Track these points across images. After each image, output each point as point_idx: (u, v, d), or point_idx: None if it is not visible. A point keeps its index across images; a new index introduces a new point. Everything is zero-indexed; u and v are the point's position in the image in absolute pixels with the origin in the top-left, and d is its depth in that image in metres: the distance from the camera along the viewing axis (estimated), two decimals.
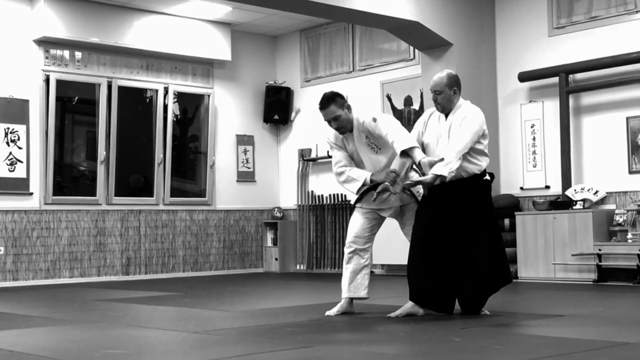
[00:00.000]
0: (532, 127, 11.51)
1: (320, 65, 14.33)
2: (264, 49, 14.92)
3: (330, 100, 6.84)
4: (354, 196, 7.03)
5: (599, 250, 10.14)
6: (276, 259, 14.33)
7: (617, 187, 10.69)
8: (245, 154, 14.55)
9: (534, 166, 11.46)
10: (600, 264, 10.13)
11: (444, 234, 6.61)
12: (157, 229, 13.38)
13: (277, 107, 14.62)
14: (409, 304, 6.73)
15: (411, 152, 6.47)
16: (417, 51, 12.54)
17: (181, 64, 13.76)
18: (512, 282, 6.92)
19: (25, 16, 12.18)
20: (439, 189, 6.47)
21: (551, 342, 5.27)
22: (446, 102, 6.73)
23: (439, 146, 6.68)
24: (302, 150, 14.48)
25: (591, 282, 10.15)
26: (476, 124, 6.58)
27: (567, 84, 11.04)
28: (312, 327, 6.25)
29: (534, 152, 11.46)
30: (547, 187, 11.35)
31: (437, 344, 5.29)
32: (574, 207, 10.61)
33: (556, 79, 11.11)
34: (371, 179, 6.80)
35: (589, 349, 4.97)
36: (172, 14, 13.25)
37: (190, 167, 14.35)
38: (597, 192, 10.65)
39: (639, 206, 10.16)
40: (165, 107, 13.54)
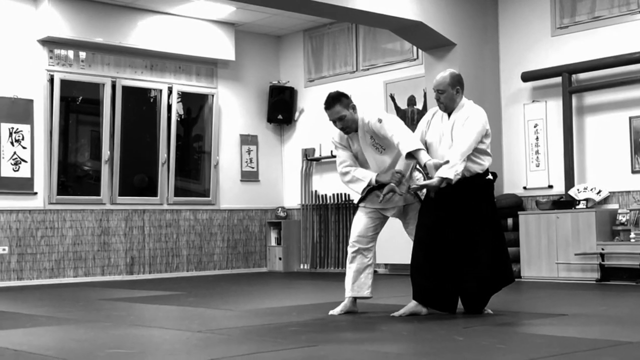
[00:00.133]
0: (535, 126, 11.52)
1: (323, 65, 14.35)
2: (267, 49, 14.94)
3: (335, 100, 6.84)
4: (358, 196, 7.03)
5: (602, 249, 10.15)
6: (280, 259, 14.34)
7: (620, 186, 10.70)
8: (249, 154, 14.57)
9: (537, 166, 11.47)
10: (603, 263, 10.14)
11: (446, 234, 6.61)
12: (161, 228, 13.40)
13: (281, 107, 14.63)
14: (413, 303, 6.74)
15: (417, 154, 6.46)
16: (420, 51, 12.55)
17: (185, 64, 13.77)
18: (514, 281, 6.94)
19: (29, 16, 12.21)
20: (441, 188, 6.48)
21: (554, 341, 5.28)
22: (449, 102, 6.74)
23: (442, 145, 6.69)
24: (305, 150, 14.49)
25: (594, 282, 10.16)
26: (479, 124, 6.59)
27: (570, 83, 11.05)
28: (316, 327, 6.25)
29: (537, 152, 11.47)
30: (550, 186, 11.36)
31: (440, 343, 5.30)
32: (577, 207, 10.62)
33: (559, 79, 11.12)
34: (376, 179, 6.81)
35: (592, 348, 4.98)
36: (176, 14, 13.27)
37: (194, 167, 14.37)
38: (600, 191, 10.65)
39: None
40: (169, 107, 13.56)
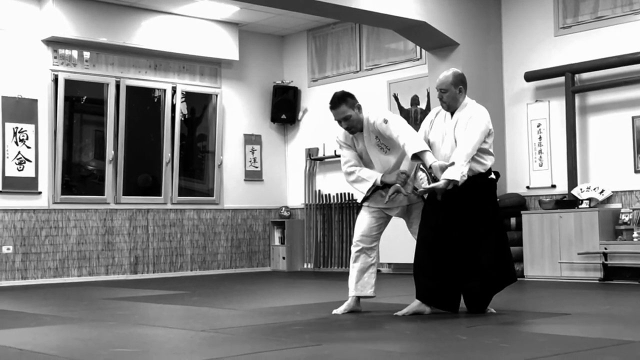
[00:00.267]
0: (538, 126, 11.53)
1: (327, 65, 14.36)
2: (271, 49, 14.95)
3: (341, 100, 6.84)
4: (361, 195, 7.04)
5: (605, 249, 10.16)
6: (283, 258, 14.36)
7: (622, 186, 10.71)
8: (252, 154, 14.59)
9: (540, 165, 11.48)
10: (606, 262, 10.15)
11: (449, 233, 6.62)
12: (165, 228, 13.42)
13: (285, 107, 14.65)
14: (416, 303, 6.75)
15: (422, 155, 6.47)
16: (423, 51, 12.57)
17: (189, 64, 13.79)
18: (516, 280, 6.94)
19: (33, 16, 12.23)
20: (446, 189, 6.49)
21: (557, 340, 5.28)
22: (452, 101, 6.74)
23: (444, 144, 6.70)
24: (309, 149, 14.50)
25: (597, 281, 10.17)
26: (482, 124, 6.59)
27: (573, 83, 11.06)
28: (320, 326, 6.26)
29: (540, 152, 11.48)
30: (553, 186, 11.37)
31: (444, 342, 5.31)
32: (580, 206, 10.63)
33: (562, 79, 11.13)
34: (382, 180, 6.82)
35: (595, 347, 4.99)
36: (180, 14, 13.29)
37: (198, 167, 14.39)
38: (603, 191, 10.66)
39: None
40: (173, 106, 13.58)
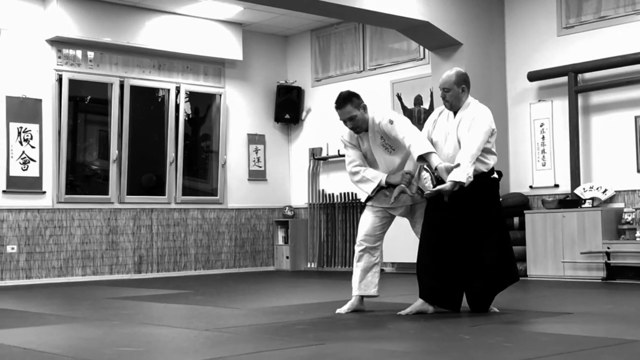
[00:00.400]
0: (541, 126, 11.54)
1: (330, 64, 14.37)
2: (275, 49, 14.97)
3: (346, 100, 6.83)
4: (365, 194, 7.06)
5: (608, 248, 10.17)
6: (287, 257, 14.38)
7: (625, 185, 10.72)
8: (256, 153, 14.60)
9: (543, 165, 11.49)
10: (609, 262, 10.16)
11: (452, 232, 6.64)
12: (169, 227, 13.45)
13: (288, 107, 14.66)
14: (419, 302, 6.77)
15: (428, 157, 6.47)
16: (427, 51, 12.57)
17: (193, 64, 13.81)
18: (519, 280, 6.95)
19: (38, 16, 12.25)
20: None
21: (560, 339, 5.29)
22: (454, 100, 6.75)
23: (447, 144, 6.71)
24: (312, 149, 14.52)
25: (600, 280, 10.18)
26: (485, 124, 6.60)
27: (576, 83, 11.07)
28: (323, 325, 6.27)
29: (543, 151, 11.49)
30: (556, 185, 11.38)
31: (447, 341, 5.32)
32: (583, 206, 10.64)
33: (565, 79, 11.14)
34: (386, 181, 6.84)
35: (598, 346, 5.00)
36: (184, 14, 13.30)
37: (201, 166, 14.40)
38: (605, 190, 10.67)
39: None
40: (177, 106, 13.60)
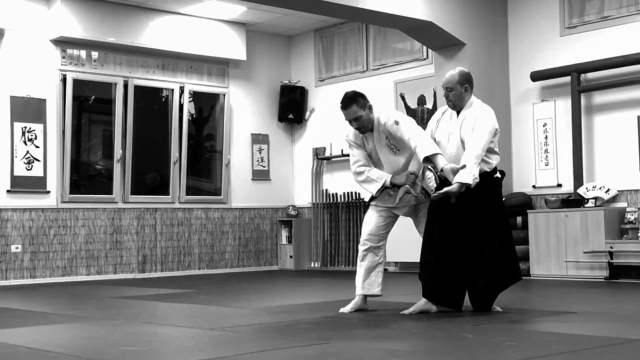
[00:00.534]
0: (544, 126, 11.55)
1: (334, 64, 14.39)
2: (278, 49, 14.98)
3: (351, 100, 6.83)
4: (368, 194, 7.07)
5: (611, 247, 10.18)
6: (291, 257, 14.40)
7: (628, 185, 10.73)
8: (260, 153, 14.62)
9: (546, 165, 11.50)
10: (611, 261, 10.17)
11: (455, 232, 6.65)
12: (173, 227, 13.47)
13: (292, 106, 14.68)
14: (422, 301, 6.78)
15: (434, 158, 6.48)
16: (430, 51, 12.58)
17: (197, 64, 13.83)
18: (521, 279, 6.96)
19: (42, 16, 12.28)
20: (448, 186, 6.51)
21: (563, 338, 5.30)
22: (457, 99, 6.76)
23: (450, 143, 6.71)
24: (316, 149, 14.54)
25: (603, 280, 10.19)
26: (489, 124, 6.60)
27: (579, 83, 11.08)
28: (327, 324, 6.28)
29: (546, 151, 11.50)
30: (559, 185, 11.39)
31: (451, 340, 5.33)
32: (586, 205, 10.65)
33: (568, 79, 11.15)
34: (391, 181, 6.85)
35: (601, 345, 5.00)
36: (188, 14, 13.32)
37: (205, 166, 14.43)
38: (608, 190, 10.69)
39: None
40: (181, 106, 13.61)
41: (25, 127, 12.01)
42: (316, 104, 14.66)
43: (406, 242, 10.50)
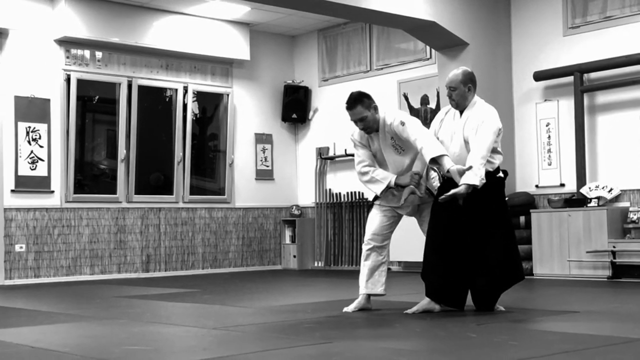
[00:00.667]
0: (547, 125, 11.56)
1: (337, 64, 14.40)
2: (282, 49, 15.00)
3: (357, 100, 6.84)
4: (372, 193, 7.08)
5: (614, 247, 10.19)
6: (294, 256, 14.41)
7: (631, 184, 10.73)
8: (263, 153, 14.64)
9: (549, 164, 11.51)
10: (614, 261, 10.18)
11: (458, 231, 6.67)
12: (177, 226, 13.48)
13: (295, 106, 14.69)
14: (426, 301, 6.80)
15: (440, 160, 6.50)
16: (433, 51, 12.59)
17: (200, 64, 13.85)
18: (524, 279, 6.97)
19: (46, 16, 12.29)
20: (452, 186, 6.52)
21: (566, 338, 5.31)
22: (460, 99, 6.78)
23: (453, 143, 6.73)
24: (320, 148, 14.54)
25: (605, 279, 10.20)
26: (493, 125, 6.61)
27: (582, 83, 11.09)
28: (330, 324, 6.29)
29: (549, 151, 11.51)
30: (562, 185, 11.39)
31: (453, 340, 5.35)
32: (589, 205, 10.66)
33: (571, 78, 11.16)
34: (396, 182, 6.86)
35: (604, 344, 5.01)
36: (192, 14, 13.34)
37: (209, 166, 14.44)
38: (611, 189, 10.69)
39: None
40: (184, 106, 13.63)
41: (29, 127, 12.03)
42: (320, 104, 14.67)
43: (410, 241, 10.50)
